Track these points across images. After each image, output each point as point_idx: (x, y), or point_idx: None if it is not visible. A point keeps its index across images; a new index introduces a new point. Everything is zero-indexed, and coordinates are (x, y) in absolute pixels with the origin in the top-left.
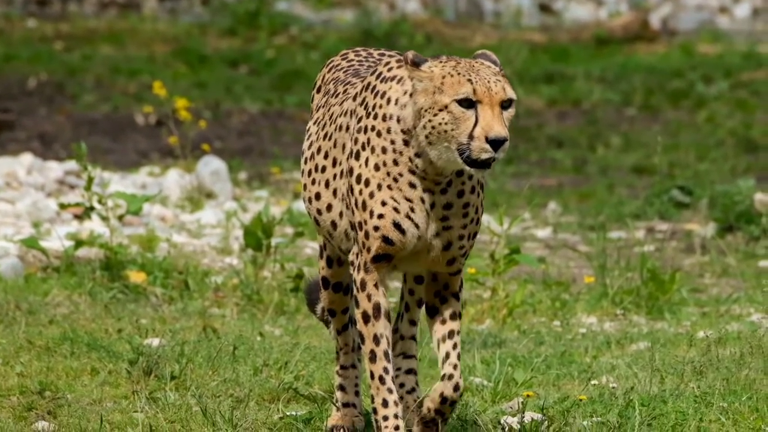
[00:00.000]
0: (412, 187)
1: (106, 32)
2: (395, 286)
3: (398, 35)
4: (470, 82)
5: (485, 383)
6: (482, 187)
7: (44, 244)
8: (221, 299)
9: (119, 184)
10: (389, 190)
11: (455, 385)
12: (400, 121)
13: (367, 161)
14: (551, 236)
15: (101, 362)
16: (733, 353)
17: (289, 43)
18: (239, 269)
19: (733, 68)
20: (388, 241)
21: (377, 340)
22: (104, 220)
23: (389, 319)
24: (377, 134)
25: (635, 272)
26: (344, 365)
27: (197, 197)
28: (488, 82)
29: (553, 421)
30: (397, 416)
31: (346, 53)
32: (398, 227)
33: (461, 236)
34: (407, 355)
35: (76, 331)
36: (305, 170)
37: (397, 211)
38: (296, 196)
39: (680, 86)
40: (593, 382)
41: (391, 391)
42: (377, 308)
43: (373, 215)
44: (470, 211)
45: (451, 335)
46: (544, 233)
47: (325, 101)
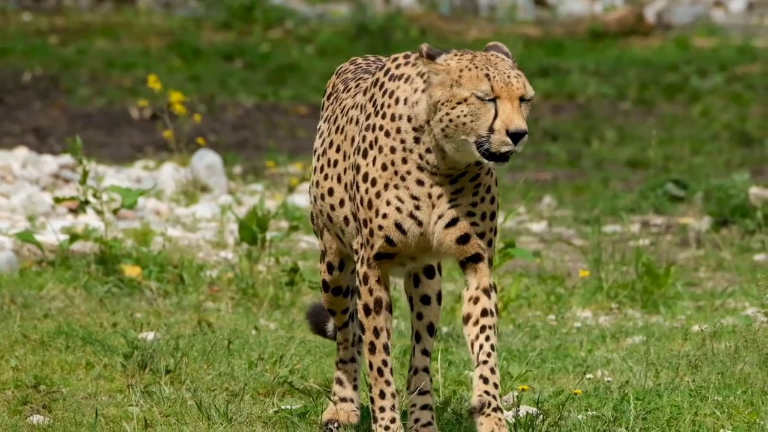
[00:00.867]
0: (419, 184)
1: (100, 26)
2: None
3: (393, 29)
4: (488, 76)
5: None
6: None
7: (39, 237)
8: (216, 293)
9: (114, 177)
10: (396, 189)
11: (491, 368)
12: (411, 119)
13: (374, 160)
14: (546, 230)
15: (96, 356)
16: (728, 347)
17: (284, 36)
18: (234, 263)
19: (728, 62)
20: (389, 241)
21: (377, 332)
22: (99, 214)
23: (390, 311)
24: (385, 134)
25: (630, 266)
26: (343, 359)
27: (192, 191)
28: (507, 76)
29: (548, 414)
30: (393, 408)
31: (355, 60)
32: (399, 227)
33: (470, 213)
34: (422, 391)
35: (71, 325)
36: (317, 167)
37: (399, 210)
38: (291, 189)
39: (675, 80)
40: (588, 376)
41: (388, 383)
42: (378, 302)
43: (378, 214)
44: (480, 190)
45: (483, 330)
46: (539, 227)
47: (335, 98)
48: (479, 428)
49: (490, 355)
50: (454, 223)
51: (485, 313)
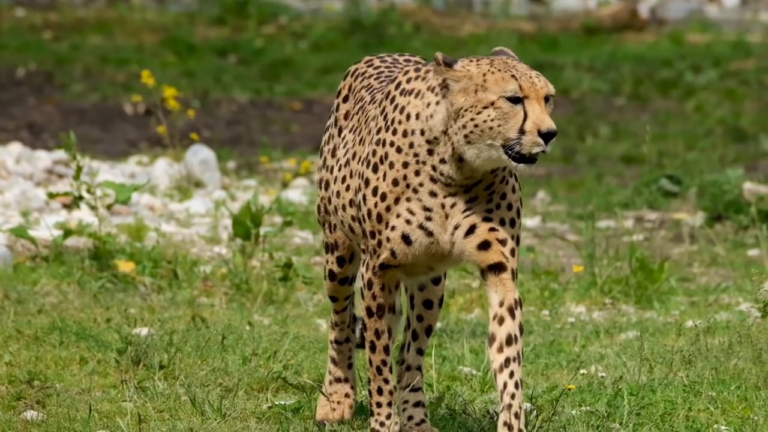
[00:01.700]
0: (432, 195)
1: (94, 22)
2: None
3: (387, 24)
4: (514, 78)
5: (474, 372)
6: (515, 177)
7: (33, 233)
8: (210, 288)
9: (108, 173)
10: (407, 201)
11: (515, 412)
12: (424, 132)
13: (385, 175)
14: (540, 225)
15: (90, 352)
16: (721, 342)
17: (277, 32)
18: (228, 258)
19: (722, 57)
20: (394, 254)
21: (378, 334)
22: (93, 209)
23: (394, 311)
24: (397, 150)
25: (624, 261)
26: (338, 340)
27: (186, 186)
28: (530, 76)
29: (541, 410)
30: (390, 404)
31: (370, 60)
32: (406, 239)
33: (487, 218)
34: (414, 388)
35: (64, 320)
36: (338, 177)
37: (409, 222)
38: (285, 185)
39: (669, 75)
40: (582, 371)
41: (387, 381)
42: (381, 307)
43: (387, 227)
44: (495, 197)
45: (507, 363)
46: (532, 222)
47: (359, 108)
48: None
49: (514, 396)
50: (472, 230)
51: (510, 340)
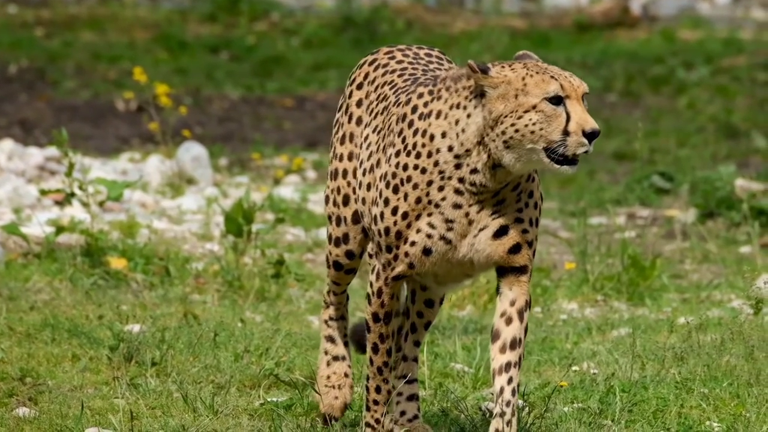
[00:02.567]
0: (456, 207)
1: (86, 18)
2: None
3: (379, 21)
4: (554, 78)
5: (466, 369)
6: (537, 173)
7: (25, 230)
8: (202, 285)
9: (100, 170)
10: (428, 216)
11: (508, 421)
12: (452, 148)
13: (406, 196)
14: None
15: (82, 348)
16: (713, 339)
17: (269, 29)
18: (220, 255)
19: (713, 54)
20: (411, 266)
21: (383, 338)
22: (85, 206)
23: (399, 315)
24: (421, 171)
25: (616, 258)
26: (333, 317)
27: (178, 183)
28: (567, 77)
29: (533, 407)
30: (386, 403)
31: (391, 52)
32: (427, 252)
33: (519, 219)
34: (409, 379)
35: (57, 317)
36: (363, 182)
37: (430, 237)
38: (277, 182)
39: (661, 72)
40: (574, 368)
41: (386, 381)
42: (388, 315)
43: (407, 242)
44: (523, 196)
45: (507, 368)
46: None
47: (384, 108)
48: None
49: (509, 404)
50: (504, 232)
51: (514, 344)
